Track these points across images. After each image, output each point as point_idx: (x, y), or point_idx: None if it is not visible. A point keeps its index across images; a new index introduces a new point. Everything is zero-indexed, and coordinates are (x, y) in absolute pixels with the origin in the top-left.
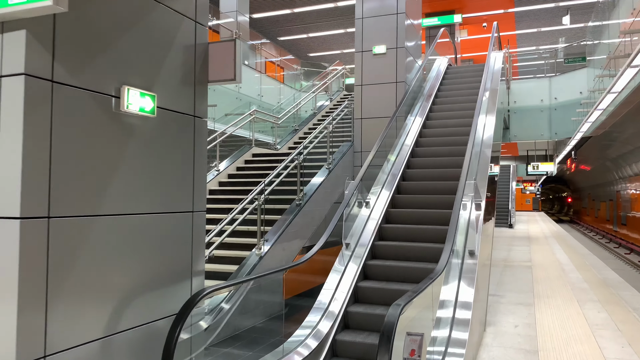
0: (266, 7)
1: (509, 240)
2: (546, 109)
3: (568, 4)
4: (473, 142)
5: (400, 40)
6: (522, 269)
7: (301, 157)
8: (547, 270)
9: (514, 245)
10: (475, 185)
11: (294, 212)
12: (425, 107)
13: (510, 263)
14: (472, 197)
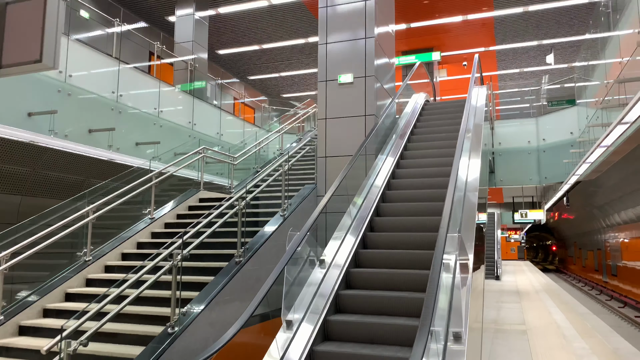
0: (232, 43)
1: (497, 296)
2: (534, 150)
3: (552, 42)
4: (455, 185)
5: (369, 67)
6: (517, 335)
7: (243, 203)
8: (546, 337)
9: (504, 301)
10: (459, 240)
11: (230, 272)
12: (399, 145)
13: (501, 326)
14: (457, 255)
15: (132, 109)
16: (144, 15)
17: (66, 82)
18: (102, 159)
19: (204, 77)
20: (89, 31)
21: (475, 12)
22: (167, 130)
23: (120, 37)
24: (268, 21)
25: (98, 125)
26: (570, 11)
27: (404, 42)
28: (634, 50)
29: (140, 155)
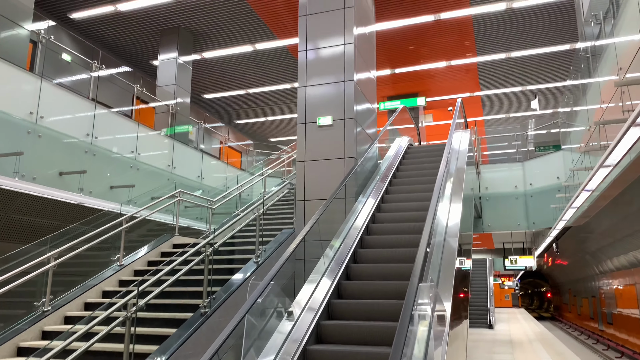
0: (218, 88)
1: (489, 346)
2: (521, 195)
3: (536, 88)
4: (430, 232)
5: (348, 110)
6: None
7: (210, 249)
8: None
9: (496, 352)
10: (433, 290)
11: (194, 324)
12: (380, 188)
13: None
14: (431, 306)
15: (107, 151)
16: (130, 59)
17: (37, 123)
18: (71, 203)
19: (186, 120)
20: (72, 74)
21: (459, 58)
22: (144, 174)
23: (98, 80)
24: (253, 66)
25: (70, 168)
26: (552, 57)
27: (390, 87)
28: (614, 93)
29: (115, 199)
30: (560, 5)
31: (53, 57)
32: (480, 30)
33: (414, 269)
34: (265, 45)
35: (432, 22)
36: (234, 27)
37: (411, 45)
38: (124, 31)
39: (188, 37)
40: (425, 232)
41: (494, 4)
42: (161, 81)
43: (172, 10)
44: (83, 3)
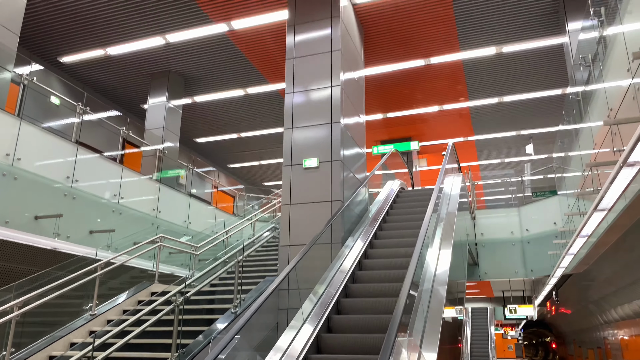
0: (211, 131)
1: None
2: (518, 242)
3: (530, 132)
4: (411, 281)
5: (335, 152)
6: None
7: (181, 299)
8: None
9: None
10: (412, 344)
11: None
12: (368, 233)
13: None
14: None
15: (88, 195)
16: (120, 102)
17: (13, 165)
18: (45, 248)
19: (174, 164)
20: (60, 117)
21: (451, 102)
22: (127, 218)
23: (81, 123)
24: (245, 110)
25: (47, 212)
26: (545, 102)
27: (383, 132)
28: (605, 134)
29: (94, 244)
30: (550, 49)
31: (40, 99)
32: (472, 74)
33: (391, 323)
34: (256, 89)
35: (423, 66)
36: (224, 72)
37: (403, 89)
38: (115, 75)
39: (178, 80)
40: (407, 282)
41: (483, 49)
42: (150, 124)
43: (163, 55)
44: (73, 47)
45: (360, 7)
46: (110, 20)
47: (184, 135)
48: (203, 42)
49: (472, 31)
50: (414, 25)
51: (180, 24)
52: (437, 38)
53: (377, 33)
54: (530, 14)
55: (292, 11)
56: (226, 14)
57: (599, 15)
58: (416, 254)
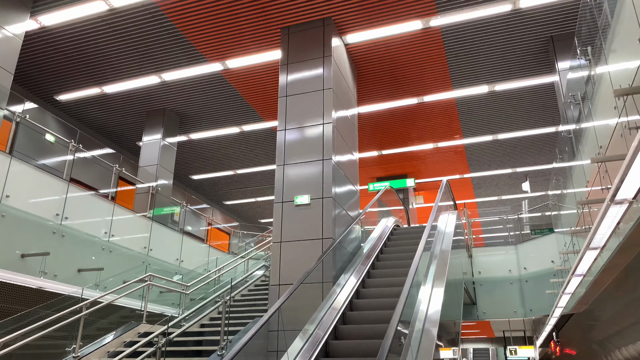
0: (206, 168)
1: None
2: (516, 280)
3: (526, 170)
4: (398, 321)
5: (327, 189)
6: None
7: (163, 340)
8: None
9: None
10: None
11: None
12: (361, 271)
13: None
14: None
15: (77, 232)
16: (115, 139)
17: (1, 202)
18: (30, 287)
19: (167, 201)
20: (54, 154)
21: (446, 140)
22: (117, 256)
23: (73, 160)
24: (240, 147)
25: (35, 250)
26: (539, 140)
27: (379, 169)
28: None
29: (82, 283)
30: (541, 88)
31: (34, 137)
32: (465, 112)
33: None
34: (251, 126)
35: (417, 104)
36: (220, 109)
37: (397, 126)
38: (110, 112)
39: (174, 118)
40: (392, 324)
41: (476, 87)
42: (144, 161)
43: (159, 93)
44: (70, 85)
45: (352, 46)
46: (107, 59)
47: (179, 172)
48: (198, 80)
49: (464, 70)
50: (406, 65)
51: (176, 63)
52: (430, 77)
53: (369, 72)
54: (520, 54)
55: (285, 51)
56: (221, 53)
57: (585, 54)
58: (404, 295)
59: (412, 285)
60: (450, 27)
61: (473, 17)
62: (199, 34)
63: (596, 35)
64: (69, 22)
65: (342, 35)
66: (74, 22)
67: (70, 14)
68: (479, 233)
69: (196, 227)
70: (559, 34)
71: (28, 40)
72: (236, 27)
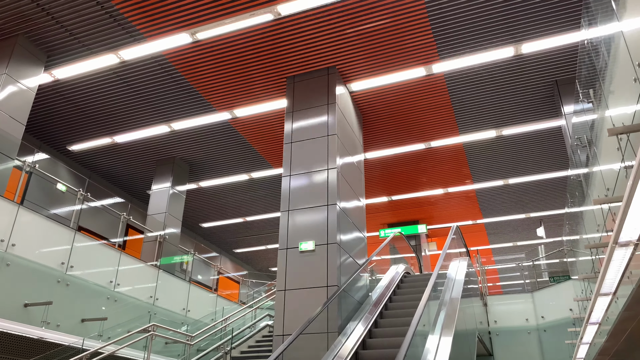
0: (216, 216)
1: None
2: (534, 330)
3: (539, 215)
4: None
5: (332, 235)
6: None
7: None
8: None
9: None
10: None
11: None
12: (368, 320)
13: None
14: None
15: (82, 281)
16: (125, 188)
17: (6, 251)
18: (31, 337)
19: (174, 250)
20: (64, 204)
21: (456, 185)
22: (122, 306)
23: (81, 209)
24: (250, 194)
25: (38, 299)
26: (550, 184)
27: (390, 215)
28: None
29: (85, 333)
30: (549, 131)
31: (44, 186)
32: (474, 157)
33: None
34: (260, 173)
35: (424, 149)
36: (228, 157)
37: (406, 172)
38: (121, 161)
39: (183, 166)
40: None
41: (483, 132)
42: (153, 209)
43: (168, 142)
44: (81, 136)
45: (357, 94)
46: (118, 109)
47: (189, 220)
48: (207, 129)
49: (469, 115)
50: (411, 110)
51: (185, 113)
52: (436, 122)
53: (375, 118)
54: (526, 98)
55: (291, 99)
56: (229, 103)
57: (587, 97)
58: (404, 346)
59: (416, 334)
60: (454, 73)
61: (476, 62)
62: (207, 84)
63: (595, 78)
64: (81, 75)
65: (347, 83)
66: (86, 74)
67: (83, 68)
68: (495, 280)
69: (205, 275)
70: (564, 78)
71: (41, 93)
72: (243, 78)
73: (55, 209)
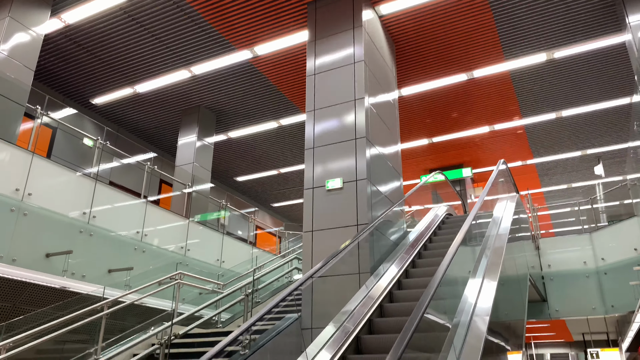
0: (249, 169)
1: None
2: (593, 273)
3: (598, 151)
4: (430, 298)
5: (360, 170)
6: None
7: (165, 338)
8: None
9: None
10: None
11: None
12: (404, 260)
13: None
14: None
15: (106, 232)
16: (157, 144)
17: (23, 200)
18: (54, 287)
19: (204, 201)
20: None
21: (502, 121)
22: (151, 257)
23: (101, 155)
24: (282, 144)
25: (60, 249)
26: (611, 114)
27: (431, 159)
28: None
29: (113, 284)
30: (609, 50)
31: (73, 142)
32: (522, 86)
33: None
34: (289, 120)
35: (466, 81)
36: (254, 103)
37: (447, 109)
38: (146, 113)
39: (209, 115)
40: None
41: (532, 56)
42: (180, 161)
43: (191, 89)
44: (103, 87)
45: (387, 18)
46: (134, 54)
47: (223, 173)
48: (228, 72)
49: (516, 36)
50: (449, 35)
51: (204, 54)
52: (478, 47)
53: (408, 47)
54: (581, 11)
55: (312, 28)
56: (249, 39)
57: None
58: (442, 267)
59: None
60: None
61: None
62: (224, 20)
63: None
64: (92, 18)
65: (375, 5)
66: (97, 17)
67: (91, 9)
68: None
69: (243, 230)
70: None
71: (57, 42)
72: (262, 9)
73: (82, 165)
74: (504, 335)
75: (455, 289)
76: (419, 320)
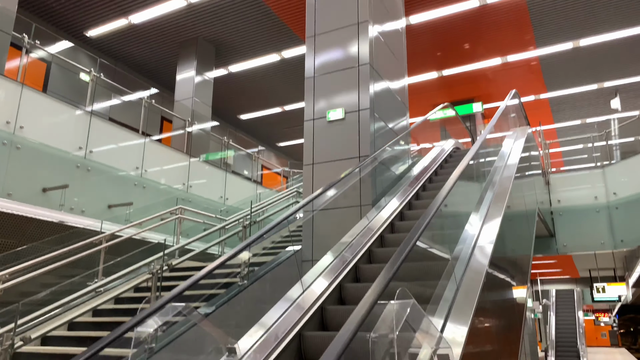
0: (253, 106)
1: None
2: (603, 208)
3: (616, 84)
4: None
5: (363, 100)
6: None
7: (158, 266)
8: None
9: None
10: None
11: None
12: (407, 193)
13: None
14: None
15: (104, 167)
16: (156, 79)
17: (15, 134)
18: (51, 221)
19: (205, 137)
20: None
21: (516, 51)
22: (151, 193)
23: (95, 88)
24: (285, 79)
25: (56, 184)
26: (631, 43)
27: (441, 93)
28: None
29: (113, 219)
30: None
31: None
32: (537, 12)
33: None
34: (292, 52)
35: (478, 7)
36: (255, 33)
37: (458, 39)
38: (143, 47)
39: (208, 47)
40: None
41: None
42: (179, 95)
43: (187, 19)
44: (95, 18)
45: None
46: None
47: (226, 111)
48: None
49: None
50: None
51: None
52: None
53: None
54: None
55: None
56: None
57: None
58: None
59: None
60: None
61: None
62: None
63: None
64: None
65: None
66: None
67: None
68: (560, 159)
69: (249, 169)
70: None
71: None
72: None
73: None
74: (508, 269)
75: (456, 220)
76: (413, 245)
